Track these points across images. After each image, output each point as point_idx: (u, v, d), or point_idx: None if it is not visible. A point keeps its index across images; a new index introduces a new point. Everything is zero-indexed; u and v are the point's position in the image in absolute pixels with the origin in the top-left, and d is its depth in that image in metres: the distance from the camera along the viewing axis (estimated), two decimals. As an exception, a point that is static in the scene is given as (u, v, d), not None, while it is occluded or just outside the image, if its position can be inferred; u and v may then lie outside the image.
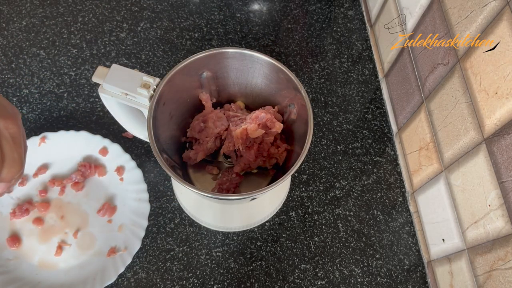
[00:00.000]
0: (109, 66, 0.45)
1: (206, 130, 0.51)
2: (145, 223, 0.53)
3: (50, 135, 0.56)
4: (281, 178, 0.41)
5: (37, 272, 0.50)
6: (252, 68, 0.49)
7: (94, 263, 0.51)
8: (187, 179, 0.50)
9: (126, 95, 0.45)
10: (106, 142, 0.56)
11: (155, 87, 0.44)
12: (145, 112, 0.46)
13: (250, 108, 0.55)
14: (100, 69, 0.45)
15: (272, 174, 0.53)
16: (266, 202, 0.55)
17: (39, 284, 0.49)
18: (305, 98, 0.44)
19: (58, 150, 0.56)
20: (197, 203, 0.54)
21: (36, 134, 0.56)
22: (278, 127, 0.50)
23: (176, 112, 0.49)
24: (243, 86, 0.52)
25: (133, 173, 0.55)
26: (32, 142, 0.55)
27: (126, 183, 0.55)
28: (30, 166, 0.55)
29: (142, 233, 0.52)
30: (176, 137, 0.52)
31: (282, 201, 0.57)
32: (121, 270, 0.50)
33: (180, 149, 0.53)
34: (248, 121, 0.50)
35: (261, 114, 0.49)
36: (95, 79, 0.44)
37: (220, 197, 0.43)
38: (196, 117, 0.52)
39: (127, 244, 0.52)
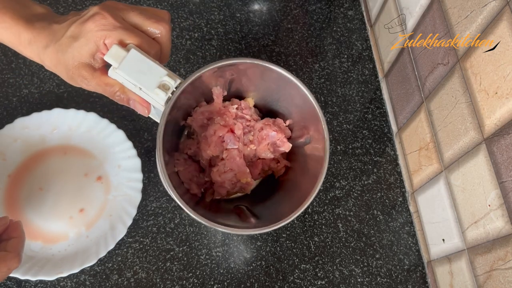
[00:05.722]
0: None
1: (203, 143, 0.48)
2: (139, 176, 0.55)
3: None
4: (290, 215, 0.40)
5: (49, 247, 0.52)
6: (279, 87, 0.45)
7: (101, 224, 0.53)
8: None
9: (140, 89, 0.40)
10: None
11: (174, 89, 0.40)
12: (155, 106, 0.42)
13: (259, 107, 0.52)
14: (116, 49, 0.38)
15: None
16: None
17: (53, 256, 0.51)
18: (326, 139, 0.42)
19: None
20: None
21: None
22: (287, 147, 0.48)
23: (183, 118, 0.48)
24: (261, 96, 0.50)
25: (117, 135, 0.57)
26: None
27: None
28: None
29: (140, 185, 0.54)
30: (175, 146, 0.51)
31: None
32: (129, 223, 0.52)
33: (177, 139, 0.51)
34: (256, 138, 0.48)
35: (271, 133, 0.47)
36: (108, 58, 0.38)
37: (221, 229, 0.40)
38: (201, 110, 0.48)
39: (129, 197, 0.54)
